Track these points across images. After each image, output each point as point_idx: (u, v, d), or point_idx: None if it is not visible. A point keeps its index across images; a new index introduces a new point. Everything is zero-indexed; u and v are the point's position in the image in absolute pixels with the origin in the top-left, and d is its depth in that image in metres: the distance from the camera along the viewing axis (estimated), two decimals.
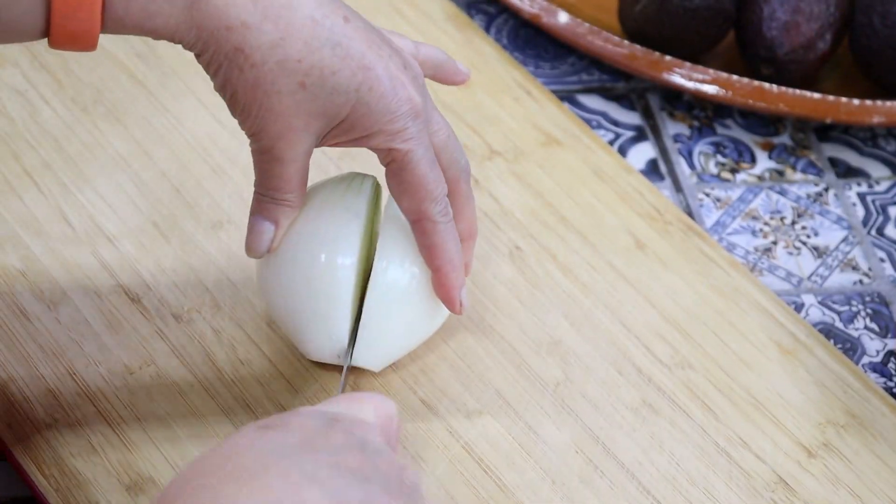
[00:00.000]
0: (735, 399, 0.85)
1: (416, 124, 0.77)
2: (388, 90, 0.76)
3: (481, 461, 0.80)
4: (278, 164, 0.77)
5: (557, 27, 1.05)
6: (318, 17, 0.74)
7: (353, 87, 0.75)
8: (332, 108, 0.75)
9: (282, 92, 0.74)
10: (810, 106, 1.01)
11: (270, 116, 0.75)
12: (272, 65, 0.74)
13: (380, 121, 0.76)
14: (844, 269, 0.97)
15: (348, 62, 0.75)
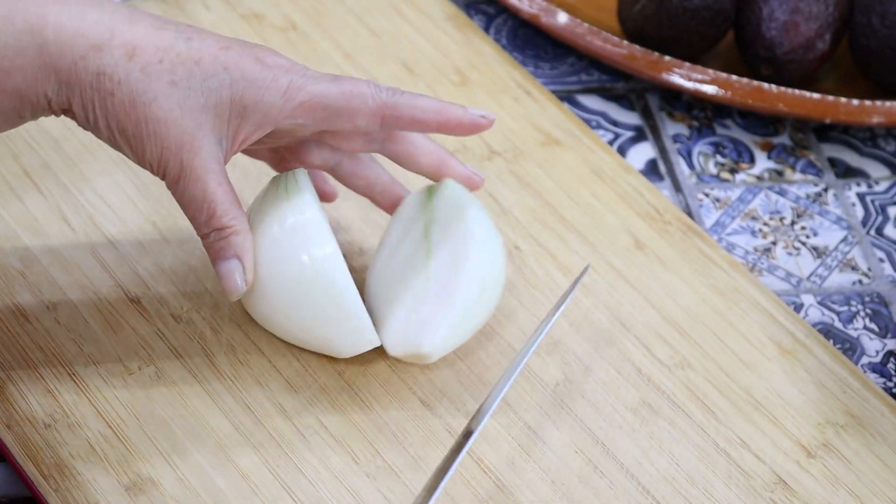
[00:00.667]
0: (734, 399, 0.85)
1: (296, 72, 0.77)
2: (252, 63, 0.76)
3: (481, 461, 0.80)
4: (195, 183, 0.76)
5: (557, 27, 1.05)
6: (159, 24, 0.75)
7: (219, 68, 0.75)
8: (211, 96, 0.75)
9: (157, 97, 0.74)
10: (809, 106, 1.01)
11: (161, 129, 0.75)
12: (137, 75, 0.74)
13: (263, 87, 0.76)
14: (844, 270, 0.97)
15: (205, 50, 0.75)
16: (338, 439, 0.80)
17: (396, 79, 1.00)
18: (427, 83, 1.00)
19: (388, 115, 0.78)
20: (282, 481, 0.78)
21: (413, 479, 0.79)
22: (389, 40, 1.02)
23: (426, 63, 1.01)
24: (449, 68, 1.01)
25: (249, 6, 1.02)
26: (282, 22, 1.02)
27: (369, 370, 0.83)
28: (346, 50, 1.01)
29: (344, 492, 0.78)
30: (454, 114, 0.80)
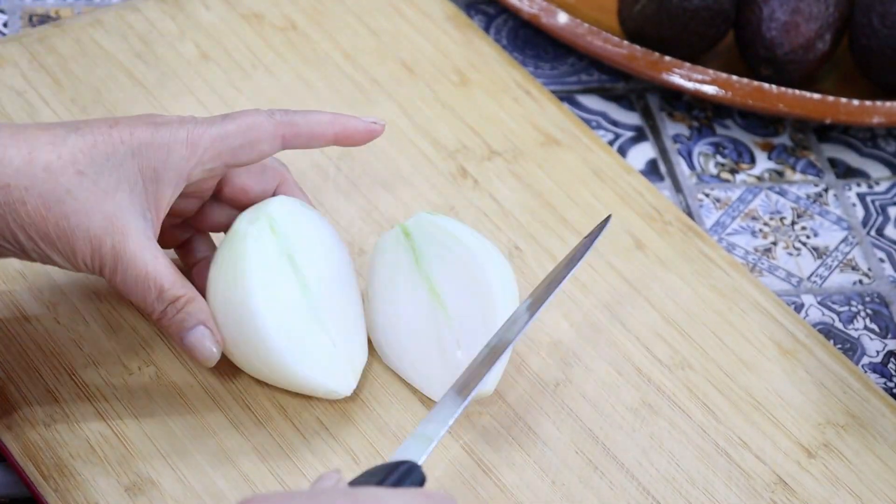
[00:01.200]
0: (735, 399, 0.85)
1: (188, 122, 0.77)
2: (146, 126, 0.76)
3: (481, 461, 0.80)
4: (134, 264, 0.75)
5: (557, 27, 1.05)
6: (45, 126, 0.75)
7: (117, 144, 0.75)
8: (120, 172, 0.75)
9: (70, 190, 0.74)
10: (810, 106, 1.01)
11: (83, 221, 0.74)
12: (41, 175, 0.74)
13: (162, 143, 0.76)
14: (844, 270, 0.97)
15: (97, 131, 0.75)
16: (338, 439, 0.80)
17: (396, 79, 1.00)
18: (427, 83, 1.00)
19: (288, 134, 0.79)
20: (282, 482, 0.78)
21: None
22: (389, 40, 1.02)
23: (426, 63, 1.01)
24: (449, 68, 1.01)
25: (249, 6, 1.02)
26: (282, 22, 1.02)
27: (370, 371, 0.83)
28: (346, 50, 1.01)
29: None
30: (349, 124, 0.81)
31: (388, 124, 0.97)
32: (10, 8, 1.04)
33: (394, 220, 0.91)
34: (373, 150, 0.95)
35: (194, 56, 0.99)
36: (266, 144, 0.79)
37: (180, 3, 1.02)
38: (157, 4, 1.01)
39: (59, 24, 0.99)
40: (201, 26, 1.00)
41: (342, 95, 0.98)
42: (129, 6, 1.01)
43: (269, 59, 0.99)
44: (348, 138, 0.82)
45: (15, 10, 1.04)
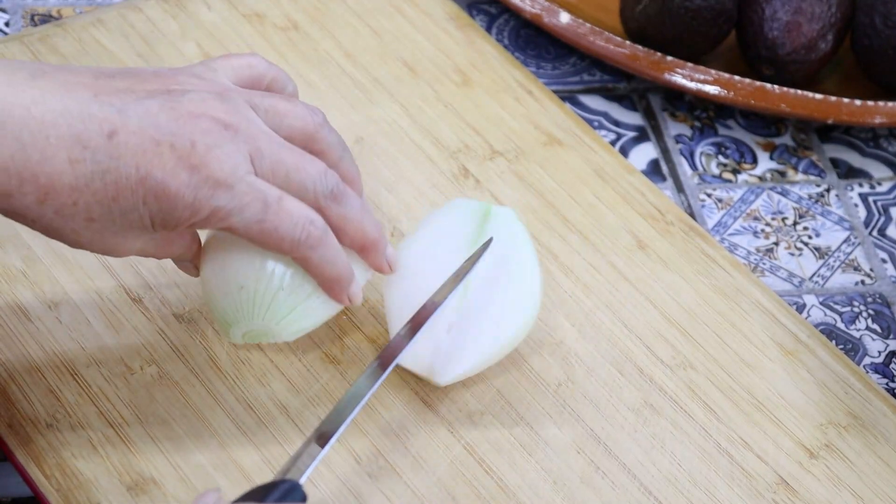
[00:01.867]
0: (736, 400, 0.85)
1: (222, 197, 0.73)
2: (175, 190, 0.72)
3: (482, 461, 0.80)
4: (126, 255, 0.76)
5: (559, 27, 1.05)
6: (76, 156, 0.71)
7: (139, 203, 0.73)
8: (133, 222, 0.73)
9: (76, 230, 0.73)
10: (812, 106, 1.01)
11: (86, 246, 0.74)
12: (50, 215, 0.72)
13: (185, 216, 0.73)
14: (846, 270, 0.97)
15: (122, 184, 0.72)
16: (340, 440, 0.80)
17: (398, 78, 1.00)
18: (429, 83, 1.00)
19: (297, 259, 0.77)
20: None
21: (415, 479, 0.79)
22: (391, 40, 1.02)
23: (427, 63, 1.01)
24: (450, 68, 1.01)
25: (251, 5, 1.02)
26: (283, 21, 1.02)
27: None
28: (348, 49, 1.01)
29: (346, 492, 0.78)
30: (337, 293, 0.79)
31: (390, 124, 0.97)
32: (11, 7, 1.04)
33: (395, 220, 0.91)
34: (374, 150, 0.95)
35: (196, 56, 0.98)
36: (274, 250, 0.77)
37: (182, 2, 1.02)
38: (158, 4, 1.01)
39: (61, 24, 0.99)
40: (203, 26, 1.00)
41: (343, 95, 0.98)
42: (130, 5, 1.01)
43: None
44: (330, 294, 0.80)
45: (16, 10, 1.04)
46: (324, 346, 0.84)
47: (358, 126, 0.96)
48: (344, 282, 0.79)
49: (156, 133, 0.72)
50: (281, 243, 0.75)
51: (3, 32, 1.02)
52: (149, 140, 0.72)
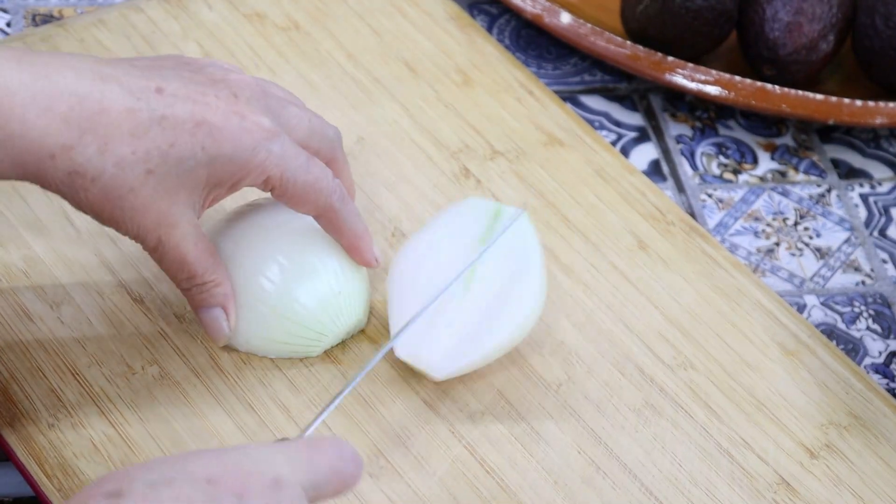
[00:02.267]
0: (737, 400, 0.85)
1: (275, 144, 0.76)
2: (232, 133, 0.75)
3: (483, 462, 0.80)
4: (174, 251, 0.76)
5: (560, 28, 1.05)
6: (131, 105, 0.73)
7: (197, 148, 0.74)
8: (188, 177, 0.74)
9: (133, 188, 0.73)
10: (813, 107, 1.01)
11: (136, 214, 0.74)
12: (110, 170, 0.73)
13: (240, 163, 0.75)
14: (847, 271, 0.97)
15: (180, 129, 0.74)
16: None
17: (399, 78, 1.00)
18: (429, 83, 1.00)
19: (325, 217, 0.80)
20: None
21: (416, 479, 0.79)
22: (392, 40, 1.02)
23: (428, 63, 1.01)
24: (451, 68, 1.01)
25: (252, 5, 1.02)
26: (284, 21, 1.02)
27: (373, 371, 0.83)
28: (349, 49, 1.01)
29: None
30: (362, 251, 0.82)
31: (391, 124, 0.97)
32: (13, 8, 1.04)
33: (396, 221, 0.91)
34: (375, 150, 0.95)
35: (197, 56, 0.99)
36: (305, 209, 0.79)
37: (183, 2, 1.02)
38: (159, 4, 1.01)
39: (62, 24, 0.99)
40: (204, 26, 1.01)
41: (344, 95, 0.98)
42: (131, 6, 1.01)
43: (271, 58, 0.99)
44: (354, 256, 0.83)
45: (18, 10, 1.04)
46: (325, 347, 0.84)
47: (359, 126, 0.96)
48: (369, 238, 0.82)
49: (197, 89, 0.75)
50: (319, 196, 0.78)
51: (5, 33, 1.02)
52: (194, 92, 0.75)
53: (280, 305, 0.81)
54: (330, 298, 0.82)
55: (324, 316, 0.82)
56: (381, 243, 0.90)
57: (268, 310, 0.81)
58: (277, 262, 0.81)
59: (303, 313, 0.82)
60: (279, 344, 0.82)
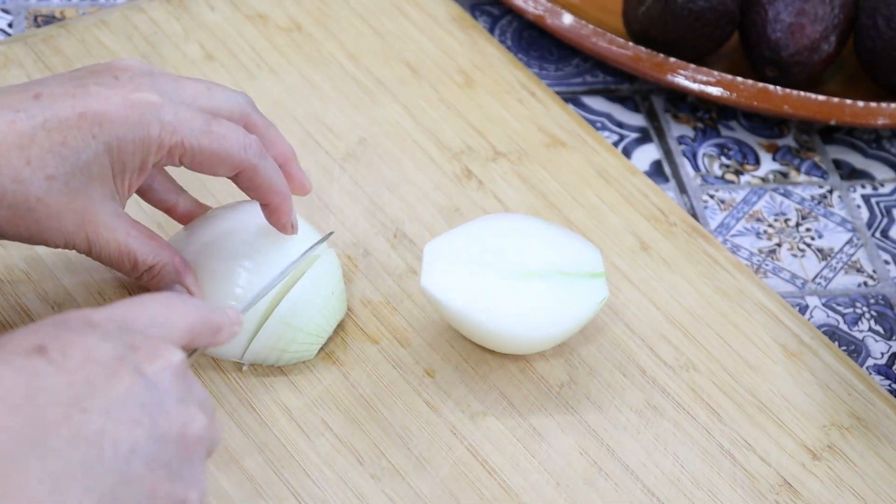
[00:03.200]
0: (739, 401, 0.85)
1: (165, 113, 0.74)
2: (117, 113, 0.73)
3: (485, 463, 0.80)
4: (108, 246, 0.76)
5: (562, 29, 1.05)
6: (10, 118, 0.72)
7: (88, 139, 0.73)
8: (91, 170, 0.73)
9: (40, 198, 0.73)
10: (815, 108, 1.01)
11: (54, 222, 0.74)
12: (10, 187, 0.72)
13: (136, 140, 0.74)
14: (849, 272, 0.97)
15: (65, 125, 0.72)
16: (342, 440, 0.80)
17: (401, 80, 1.00)
18: (431, 84, 1.00)
19: (242, 175, 0.78)
20: (286, 482, 0.78)
21: (418, 480, 0.79)
22: (394, 41, 1.02)
23: (430, 64, 1.01)
24: (453, 69, 1.01)
25: (254, 7, 1.02)
26: (286, 22, 1.02)
27: (374, 372, 0.83)
28: (351, 51, 1.01)
29: (349, 493, 0.78)
30: (281, 212, 0.80)
31: (393, 125, 0.97)
32: (14, 8, 1.04)
33: (398, 222, 0.91)
34: (377, 151, 0.95)
35: (199, 57, 0.99)
36: (223, 171, 0.78)
37: (185, 3, 1.02)
38: (161, 5, 1.01)
39: (64, 25, 0.99)
40: (206, 27, 1.01)
41: (346, 96, 0.98)
42: (133, 7, 1.01)
43: (273, 59, 0.99)
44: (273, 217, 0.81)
45: (20, 11, 1.04)
46: (326, 348, 0.84)
47: (361, 127, 0.96)
48: (290, 201, 0.80)
49: (76, 83, 0.74)
50: (231, 153, 0.76)
51: (7, 33, 1.02)
52: (72, 86, 0.74)
53: (283, 314, 0.81)
54: (326, 302, 0.82)
55: (322, 320, 0.82)
56: (383, 244, 0.90)
57: (273, 320, 0.81)
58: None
59: (304, 320, 0.82)
60: (278, 351, 0.82)
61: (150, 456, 0.60)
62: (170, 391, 0.62)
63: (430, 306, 0.86)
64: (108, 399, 0.60)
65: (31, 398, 0.58)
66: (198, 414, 0.63)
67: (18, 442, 0.57)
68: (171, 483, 0.61)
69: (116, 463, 0.59)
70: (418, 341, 0.85)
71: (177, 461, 0.61)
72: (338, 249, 0.89)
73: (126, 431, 0.59)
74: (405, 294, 0.87)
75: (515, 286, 0.82)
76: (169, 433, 0.61)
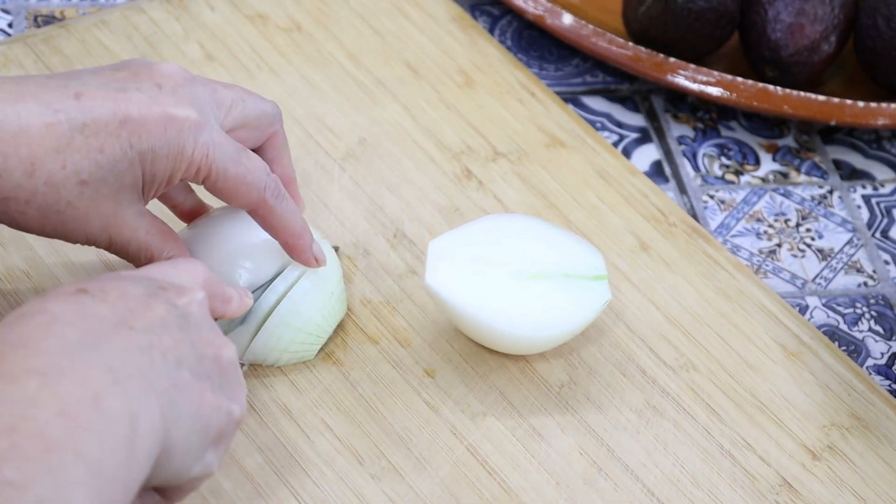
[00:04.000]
0: (739, 401, 0.85)
1: (202, 134, 0.75)
2: (156, 126, 0.74)
3: (485, 463, 0.80)
4: (129, 245, 0.76)
5: (562, 29, 1.05)
6: (50, 119, 0.71)
7: (126, 148, 0.73)
8: (124, 178, 0.74)
9: (70, 202, 0.73)
10: (815, 108, 1.01)
11: (80, 224, 0.74)
12: (42, 189, 0.72)
13: (169, 155, 0.74)
14: (849, 272, 0.97)
15: (104, 132, 0.72)
16: (342, 440, 0.80)
17: (401, 80, 1.00)
18: (431, 84, 1.00)
19: (260, 213, 0.79)
20: (286, 482, 0.78)
21: (418, 480, 0.79)
22: (394, 41, 1.02)
23: (430, 64, 1.01)
24: (453, 69, 1.01)
25: (254, 7, 1.02)
26: (286, 22, 1.02)
27: (374, 372, 0.83)
28: (351, 51, 1.01)
29: (349, 493, 0.78)
30: (300, 250, 0.81)
31: (393, 125, 0.97)
32: (14, 8, 1.04)
33: (398, 222, 0.91)
34: (378, 151, 0.95)
35: (199, 57, 0.99)
36: (239, 203, 0.78)
37: (185, 3, 1.02)
38: (161, 5, 1.01)
39: (64, 25, 0.99)
40: (206, 27, 1.00)
41: (346, 96, 0.98)
42: (133, 7, 1.01)
43: (273, 60, 0.99)
44: (290, 252, 0.81)
45: (20, 11, 1.04)
46: (326, 348, 0.84)
47: (361, 127, 0.96)
48: (309, 236, 0.81)
49: (119, 87, 0.74)
50: (251, 189, 0.77)
51: (7, 33, 1.02)
52: (115, 90, 0.74)
53: (283, 314, 0.81)
54: (327, 302, 0.82)
55: (322, 320, 0.82)
56: (383, 244, 0.90)
57: (272, 320, 0.81)
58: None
59: (304, 320, 0.82)
60: (279, 352, 0.82)
61: (195, 368, 0.65)
62: (201, 320, 0.68)
63: (432, 305, 0.86)
64: (150, 320, 0.65)
65: (83, 319, 0.63)
66: (228, 342, 0.69)
67: (79, 343, 0.61)
68: (214, 394, 0.66)
69: (167, 369, 0.63)
70: (418, 341, 0.85)
71: (217, 377, 0.67)
72: None
73: (171, 345, 0.64)
74: (405, 294, 0.87)
75: (519, 286, 0.82)
76: (206, 353, 0.67)
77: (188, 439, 0.64)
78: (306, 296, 0.81)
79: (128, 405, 0.60)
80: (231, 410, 0.67)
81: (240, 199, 0.77)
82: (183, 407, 0.63)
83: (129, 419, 0.59)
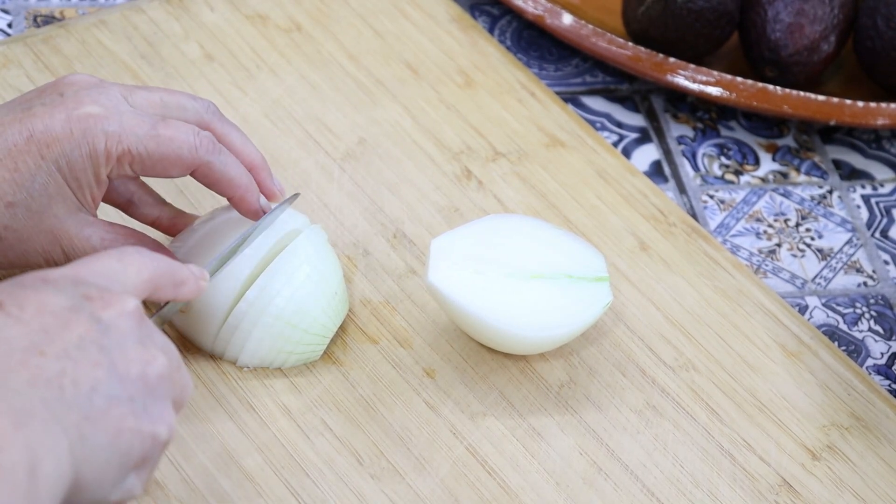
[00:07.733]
0: (739, 401, 0.85)
1: (110, 124, 0.75)
2: (61, 131, 0.74)
3: (485, 463, 0.80)
4: (84, 254, 0.76)
5: (561, 29, 1.05)
6: None
7: (38, 160, 0.74)
8: (50, 189, 0.74)
9: (7, 225, 0.74)
10: (814, 108, 1.01)
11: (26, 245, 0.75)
12: None
13: (83, 154, 0.75)
14: (848, 272, 0.97)
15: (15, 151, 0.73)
16: (342, 440, 0.80)
17: (401, 80, 1.00)
18: (431, 84, 1.00)
19: (200, 172, 0.78)
20: (286, 482, 0.78)
21: (418, 480, 0.79)
22: (394, 42, 1.02)
23: (430, 64, 1.01)
24: (453, 70, 1.01)
25: (254, 7, 1.02)
26: (286, 23, 1.02)
27: (374, 372, 0.83)
28: (351, 51, 1.01)
29: (348, 493, 0.78)
30: (247, 201, 0.80)
31: (393, 125, 0.97)
32: (14, 8, 1.04)
33: (398, 222, 0.91)
34: (377, 151, 0.95)
35: (199, 57, 0.99)
36: (176, 171, 0.77)
37: (185, 4, 1.02)
38: (161, 5, 1.01)
39: (64, 25, 0.99)
40: (206, 27, 1.01)
41: (346, 96, 0.98)
42: (133, 7, 1.01)
43: (273, 60, 0.99)
44: (240, 207, 0.80)
45: (19, 11, 1.04)
46: (326, 348, 0.84)
47: (360, 127, 0.96)
48: (254, 188, 0.80)
49: (25, 106, 0.75)
50: (181, 153, 0.76)
51: (7, 33, 1.02)
52: (21, 111, 0.75)
53: (289, 315, 0.81)
54: (331, 302, 0.83)
55: (327, 320, 0.82)
56: (383, 244, 0.90)
57: (279, 322, 0.81)
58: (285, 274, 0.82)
59: (309, 320, 0.82)
60: (285, 354, 0.82)
61: (112, 394, 0.62)
62: (127, 334, 0.64)
63: (432, 305, 0.86)
64: (65, 343, 0.61)
65: None
66: (158, 355, 0.65)
67: None
68: (136, 419, 0.63)
69: (78, 400, 0.61)
70: (418, 341, 0.85)
71: (140, 399, 0.63)
72: (338, 249, 0.89)
73: (85, 371, 0.61)
74: (405, 294, 0.87)
75: (521, 286, 0.82)
76: (129, 372, 0.63)
77: (103, 469, 0.62)
78: (309, 296, 0.81)
79: (27, 453, 0.57)
80: (156, 433, 0.64)
81: (174, 168, 0.77)
82: (97, 438, 0.61)
83: (27, 468, 0.57)
